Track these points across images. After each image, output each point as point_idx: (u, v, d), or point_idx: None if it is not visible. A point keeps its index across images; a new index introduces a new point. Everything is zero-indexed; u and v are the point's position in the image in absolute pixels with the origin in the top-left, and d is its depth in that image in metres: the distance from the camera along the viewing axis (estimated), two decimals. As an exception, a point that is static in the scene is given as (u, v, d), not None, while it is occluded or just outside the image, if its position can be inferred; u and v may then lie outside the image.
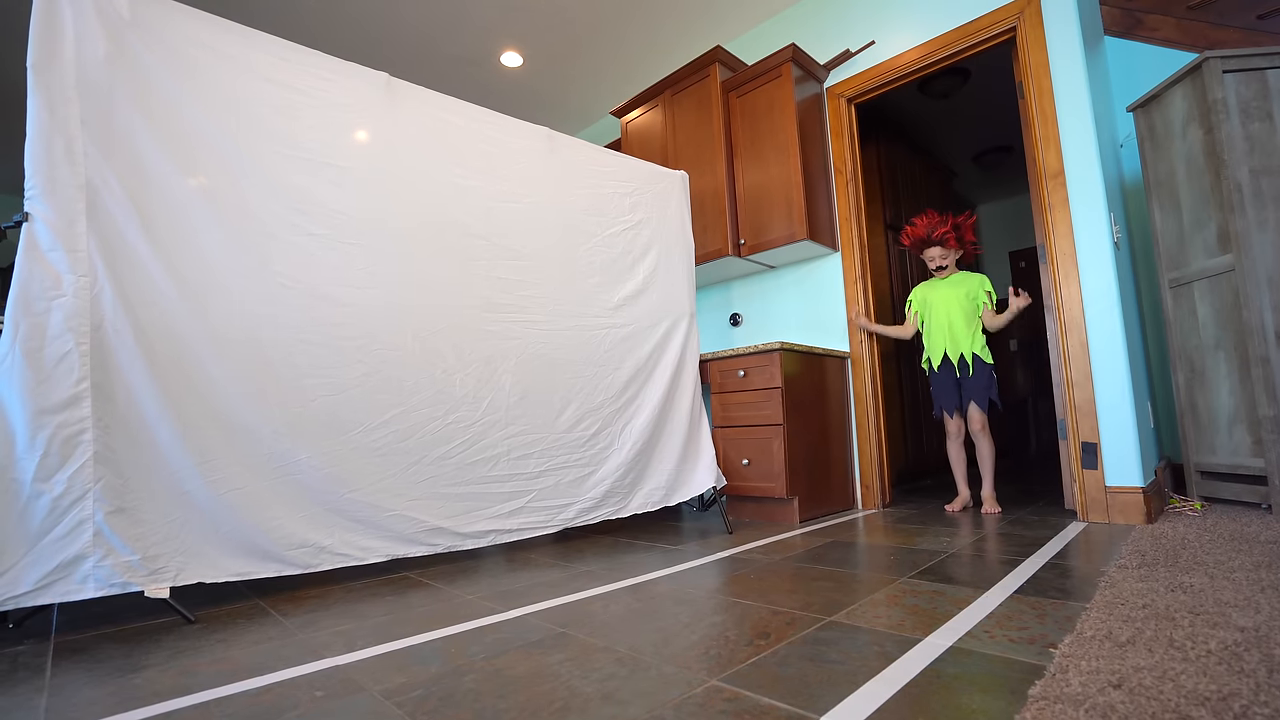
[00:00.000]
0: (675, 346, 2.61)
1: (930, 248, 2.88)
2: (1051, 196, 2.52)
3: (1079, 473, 2.41)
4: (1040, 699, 0.89)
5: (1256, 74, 2.39)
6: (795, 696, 0.95)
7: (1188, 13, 2.91)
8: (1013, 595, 1.44)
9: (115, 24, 1.48)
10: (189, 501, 1.50)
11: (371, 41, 3.62)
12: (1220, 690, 0.88)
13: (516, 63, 3.90)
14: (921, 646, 1.14)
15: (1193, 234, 2.56)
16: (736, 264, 3.31)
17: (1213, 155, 2.43)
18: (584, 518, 2.25)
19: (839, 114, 3.20)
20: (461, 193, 2.06)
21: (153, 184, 1.50)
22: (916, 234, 2.88)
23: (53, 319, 1.35)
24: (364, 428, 1.78)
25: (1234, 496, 2.47)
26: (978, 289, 2.81)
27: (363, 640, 1.32)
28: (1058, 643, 1.11)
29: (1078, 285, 2.45)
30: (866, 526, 2.49)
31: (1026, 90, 2.62)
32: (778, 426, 2.63)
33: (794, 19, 3.44)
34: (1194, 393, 2.60)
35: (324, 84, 1.81)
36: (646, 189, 2.66)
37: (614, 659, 1.15)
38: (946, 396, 2.84)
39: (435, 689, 1.04)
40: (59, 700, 1.06)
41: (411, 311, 1.90)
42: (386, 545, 1.78)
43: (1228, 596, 1.32)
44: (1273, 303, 2.29)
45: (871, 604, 1.42)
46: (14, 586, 1.27)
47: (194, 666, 1.20)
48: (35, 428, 1.30)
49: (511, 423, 2.09)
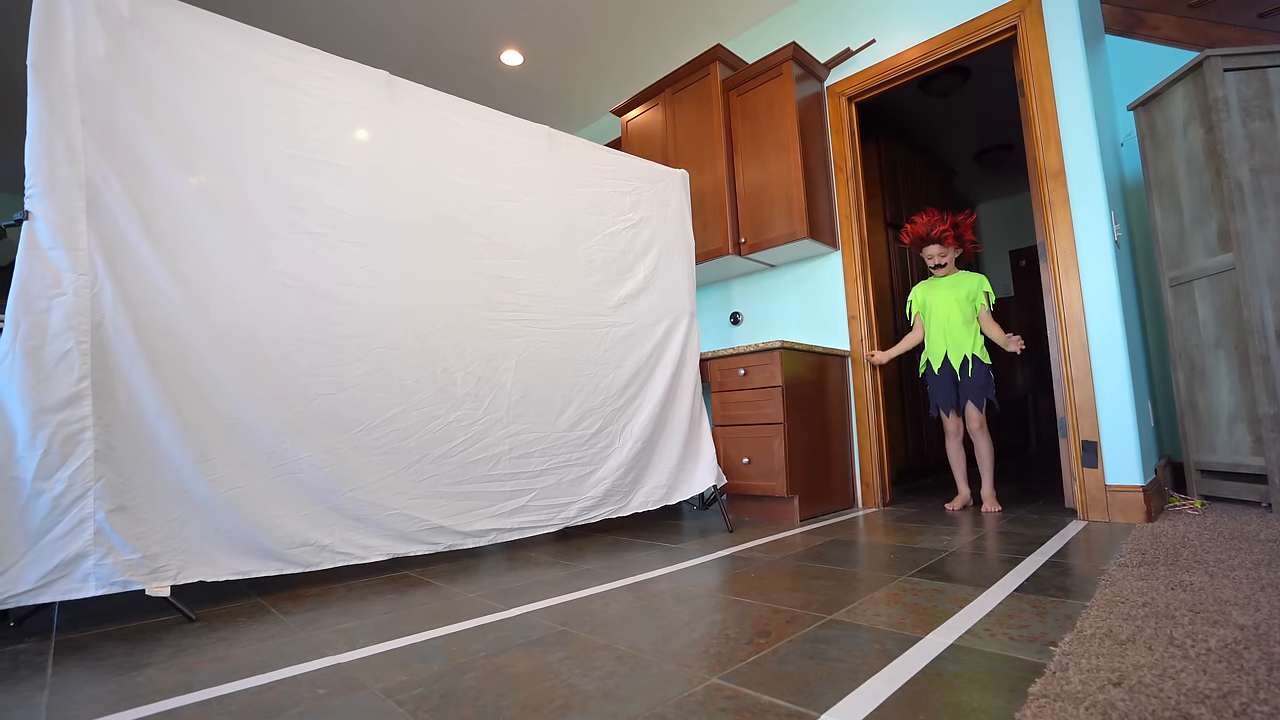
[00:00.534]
0: (676, 345, 2.61)
1: (929, 245, 2.88)
2: (1052, 195, 2.52)
3: (1079, 471, 2.41)
4: (1040, 697, 0.89)
5: (1257, 72, 2.39)
6: (795, 694, 0.96)
7: (1188, 11, 2.91)
8: (1013, 593, 1.44)
9: (115, 22, 1.48)
10: (190, 500, 1.50)
11: (372, 40, 3.61)
12: (1220, 688, 0.88)
13: (517, 61, 3.90)
14: (922, 644, 1.14)
15: (1193, 232, 2.56)
16: (737, 262, 3.31)
17: (1213, 154, 2.43)
18: (585, 516, 2.25)
19: (839, 112, 3.20)
20: (462, 191, 2.06)
21: (153, 182, 1.50)
22: (915, 231, 2.89)
23: (53, 317, 1.35)
24: (365, 426, 1.78)
25: (1234, 495, 2.47)
26: (977, 289, 2.81)
27: (364, 638, 1.32)
28: (1058, 641, 1.11)
29: (1078, 284, 2.44)
30: (867, 525, 2.49)
31: (1027, 89, 2.62)
32: (778, 425, 2.63)
33: (794, 17, 3.44)
34: (1194, 391, 2.60)
35: (325, 83, 1.81)
36: (647, 187, 2.66)
37: (614, 657, 1.15)
38: (944, 395, 2.84)
39: (436, 687, 1.05)
40: (60, 698, 1.06)
41: (412, 310, 1.91)
42: (387, 544, 1.78)
43: (1228, 595, 1.32)
44: (1273, 301, 2.28)
45: (872, 602, 1.43)
46: (15, 585, 1.27)
47: (195, 665, 1.20)
48: (36, 426, 1.30)
49: (512, 421, 2.09)
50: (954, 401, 2.82)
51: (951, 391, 2.82)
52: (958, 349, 2.79)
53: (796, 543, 2.18)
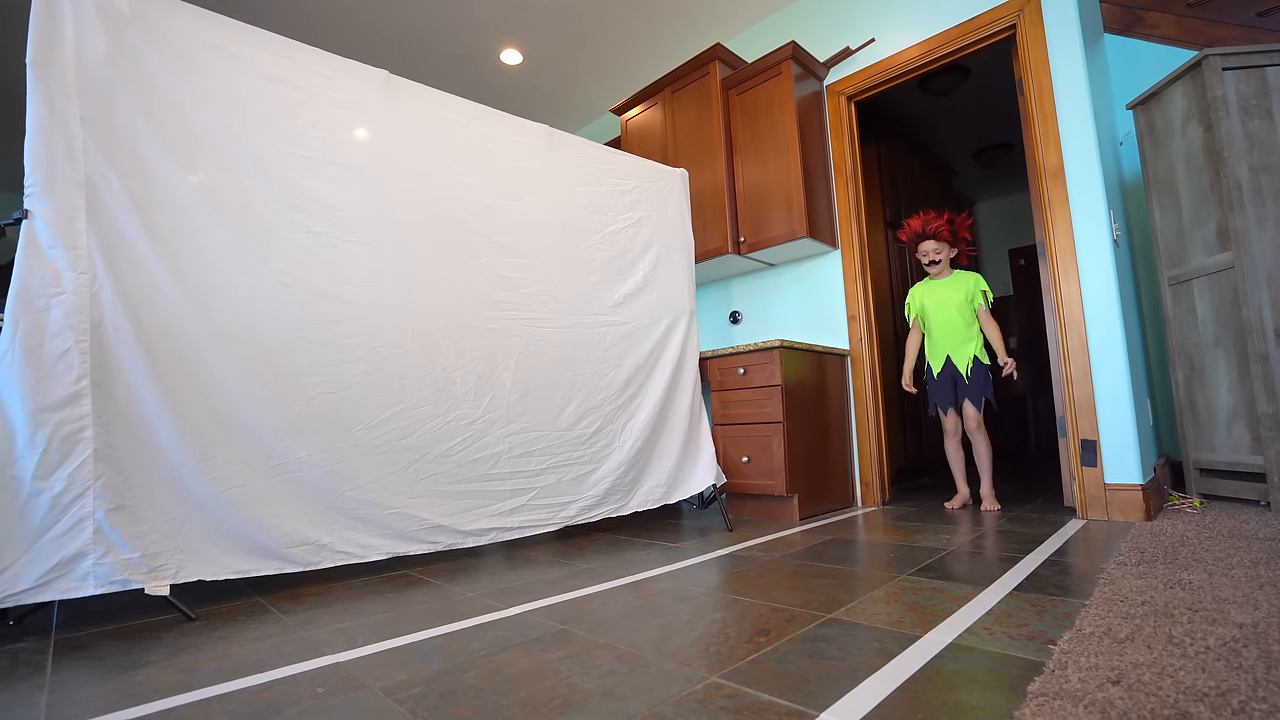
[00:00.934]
0: (675, 344, 2.61)
1: (924, 241, 2.87)
2: (1051, 194, 2.52)
3: (1078, 470, 2.41)
4: (1039, 695, 0.89)
5: (1256, 71, 2.39)
6: (795, 693, 0.96)
7: (1187, 10, 2.91)
8: (1012, 592, 1.44)
9: (115, 21, 1.48)
10: (189, 499, 1.50)
11: (372, 39, 3.61)
12: (1218, 686, 0.89)
13: (516, 60, 3.90)
14: (921, 643, 1.14)
15: (1192, 231, 2.56)
16: (736, 261, 3.31)
17: (1212, 153, 2.43)
18: (585, 516, 2.25)
19: (839, 111, 3.20)
20: (461, 190, 2.06)
21: (153, 181, 1.50)
22: (912, 227, 2.88)
23: (52, 316, 1.35)
24: (364, 425, 1.78)
25: (1233, 493, 2.47)
26: (974, 289, 2.81)
27: (363, 637, 1.32)
28: (1057, 639, 1.11)
29: (1077, 283, 2.45)
30: (866, 524, 2.49)
31: (1026, 88, 2.62)
32: (777, 424, 2.63)
33: (794, 16, 3.44)
34: (1193, 390, 2.60)
35: (325, 81, 1.81)
36: (646, 186, 2.66)
37: (614, 656, 1.15)
38: (942, 394, 2.84)
39: (436, 686, 1.05)
40: (60, 697, 1.06)
41: (412, 309, 1.90)
42: (387, 543, 1.78)
43: (1226, 593, 1.32)
44: (1272, 300, 2.29)
45: (871, 601, 1.43)
46: (14, 584, 1.27)
47: (195, 664, 1.20)
48: (35, 425, 1.30)
49: (512, 420, 2.09)
50: (952, 399, 2.83)
51: (951, 391, 2.83)
52: (961, 352, 2.79)
53: (796, 541, 2.19)
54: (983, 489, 2.75)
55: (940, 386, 2.84)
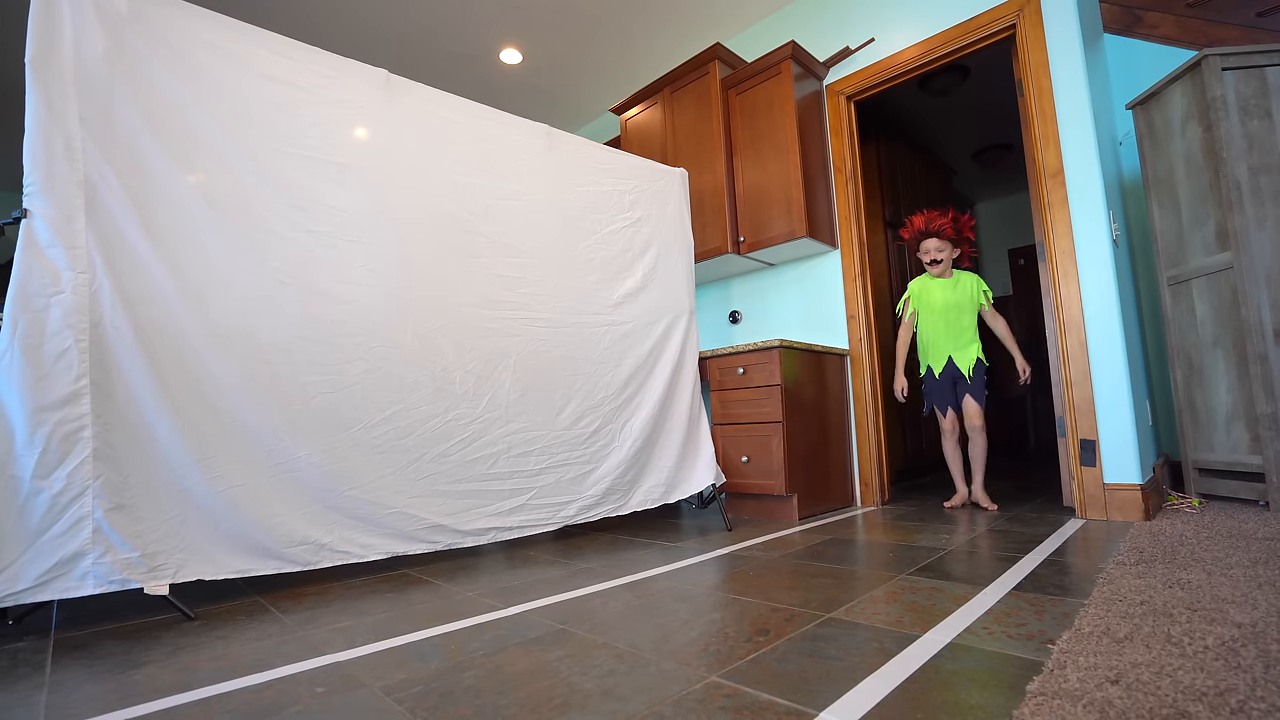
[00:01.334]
0: (675, 344, 2.61)
1: (927, 239, 2.87)
2: (1051, 194, 2.52)
3: (1077, 470, 2.41)
4: (1038, 694, 0.89)
5: (1255, 71, 2.39)
6: (794, 693, 0.96)
7: (1187, 10, 2.91)
8: (1011, 592, 1.44)
9: (114, 20, 1.47)
10: (188, 498, 1.50)
11: (372, 38, 3.61)
12: (1217, 685, 0.89)
13: (516, 59, 3.89)
14: (920, 643, 1.14)
15: (1191, 232, 2.56)
16: (736, 261, 3.31)
17: (1211, 153, 2.43)
18: (584, 515, 2.25)
19: (838, 111, 3.20)
20: (461, 189, 2.06)
21: (152, 181, 1.50)
22: (915, 225, 2.88)
23: (52, 315, 1.34)
24: (364, 425, 1.78)
25: (1231, 493, 2.47)
26: (976, 289, 2.82)
27: (363, 637, 1.32)
28: (1056, 639, 1.11)
29: (1076, 283, 2.45)
30: (865, 523, 2.50)
31: (1026, 88, 2.62)
32: (777, 424, 2.63)
33: (794, 16, 3.44)
34: (1192, 390, 2.61)
35: (324, 81, 1.81)
36: (646, 186, 2.66)
37: (613, 655, 1.15)
38: (941, 394, 2.84)
39: (435, 685, 1.05)
40: (59, 697, 1.06)
41: (411, 308, 1.90)
42: (387, 543, 1.78)
43: (1225, 593, 1.32)
44: (1271, 300, 2.29)
45: (870, 600, 1.43)
46: (14, 583, 1.27)
47: (194, 663, 1.20)
48: (34, 424, 1.30)
49: (511, 420, 2.09)
50: (950, 399, 2.83)
51: (951, 391, 2.83)
52: (965, 354, 2.79)
53: (795, 541, 2.19)
54: (974, 486, 2.76)
55: (940, 387, 2.84)
